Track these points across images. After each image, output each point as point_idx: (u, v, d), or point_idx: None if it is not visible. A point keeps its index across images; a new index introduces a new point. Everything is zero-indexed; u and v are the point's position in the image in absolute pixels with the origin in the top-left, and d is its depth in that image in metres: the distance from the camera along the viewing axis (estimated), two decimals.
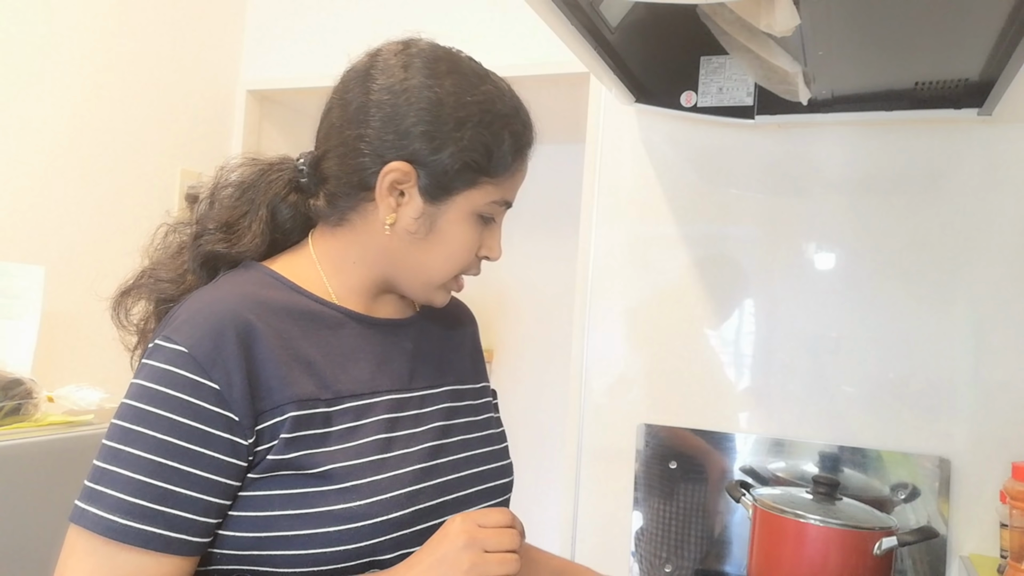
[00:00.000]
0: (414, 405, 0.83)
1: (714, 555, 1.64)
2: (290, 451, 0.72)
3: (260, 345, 0.73)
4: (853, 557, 1.29)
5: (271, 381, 0.73)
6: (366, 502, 0.73)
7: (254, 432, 0.72)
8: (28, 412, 1.50)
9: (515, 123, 0.83)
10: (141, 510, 0.67)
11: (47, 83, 1.88)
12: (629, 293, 1.77)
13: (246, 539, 0.72)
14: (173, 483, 0.68)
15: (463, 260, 0.83)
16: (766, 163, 1.67)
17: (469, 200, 0.81)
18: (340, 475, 0.73)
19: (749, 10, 1.02)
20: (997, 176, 1.52)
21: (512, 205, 0.87)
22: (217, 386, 0.70)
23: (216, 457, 0.70)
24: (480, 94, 0.81)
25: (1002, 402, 1.49)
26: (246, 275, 0.81)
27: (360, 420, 0.77)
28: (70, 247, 1.94)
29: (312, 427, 0.74)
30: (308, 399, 0.74)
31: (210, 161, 2.34)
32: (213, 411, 0.70)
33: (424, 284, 0.84)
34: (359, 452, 0.75)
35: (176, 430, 0.69)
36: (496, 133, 0.80)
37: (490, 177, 0.81)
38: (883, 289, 1.58)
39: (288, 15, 2.38)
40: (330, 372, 0.77)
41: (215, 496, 0.70)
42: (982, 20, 1.09)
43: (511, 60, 2.04)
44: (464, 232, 0.82)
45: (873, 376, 1.57)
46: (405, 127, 0.78)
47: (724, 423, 1.67)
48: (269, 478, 0.72)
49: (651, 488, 1.69)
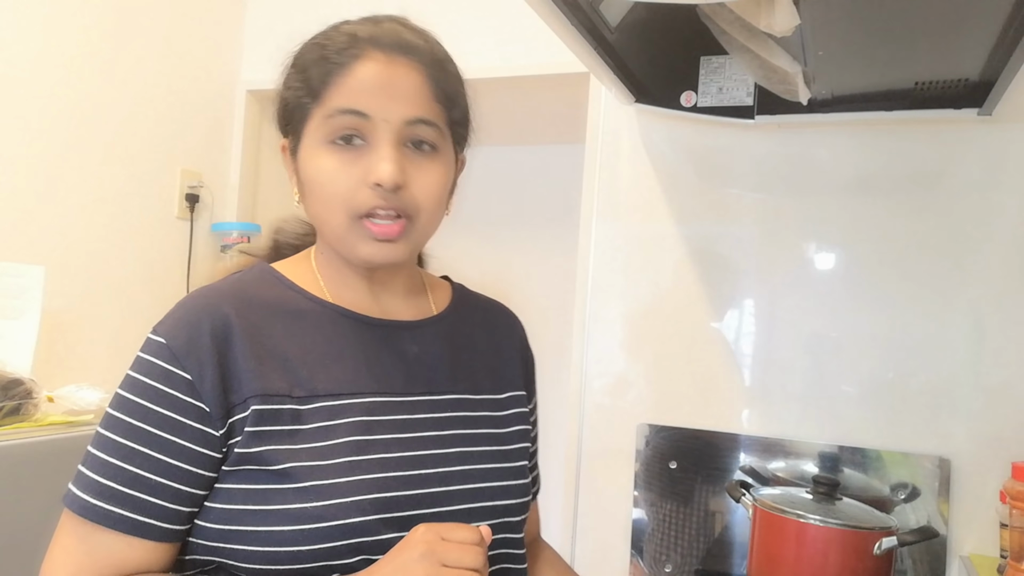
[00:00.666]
0: (403, 410, 0.79)
1: (714, 555, 1.64)
2: (253, 445, 0.72)
3: (234, 339, 0.73)
4: (853, 557, 1.29)
5: (241, 375, 0.73)
6: (323, 504, 0.71)
7: (225, 424, 0.72)
8: (28, 412, 1.51)
9: (328, 34, 0.80)
10: (111, 492, 0.70)
11: (47, 83, 1.88)
12: (629, 293, 1.77)
13: (212, 530, 0.73)
14: (143, 468, 0.70)
15: (335, 190, 0.75)
16: (766, 163, 1.67)
17: (308, 135, 0.78)
18: (300, 474, 0.71)
19: (749, 10, 1.02)
20: (997, 176, 1.52)
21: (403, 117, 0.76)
22: (189, 376, 0.71)
23: (186, 446, 0.71)
24: (316, 34, 0.82)
25: (1002, 402, 1.49)
26: (249, 274, 0.82)
27: (334, 420, 0.75)
28: (70, 247, 1.94)
29: (279, 423, 0.73)
30: (275, 394, 0.73)
31: (210, 161, 2.36)
32: (185, 400, 0.71)
33: (334, 238, 0.78)
34: (327, 453, 0.73)
35: (149, 417, 0.71)
36: (300, 57, 0.80)
37: (313, 99, 0.77)
38: (883, 289, 1.58)
39: (288, 15, 2.38)
40: (307, 370, 0.76)
41: (184, 484, 0.71)
42: (982, 20, 1.09)
43: (511, 60, 2.04)
44: (318, 164, 0.76)
45: (873, 376, 1.57)
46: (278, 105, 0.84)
47: (724, 423, 1.67)
48: (236, 472, 0.72)
49: (651, 488, 1.69)
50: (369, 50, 0.76)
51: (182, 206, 2.26)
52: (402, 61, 0.76)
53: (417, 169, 0.77)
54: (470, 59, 0.88)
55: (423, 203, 0.77)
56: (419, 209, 0.77)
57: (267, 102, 2.56)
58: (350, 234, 0.76)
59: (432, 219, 0.80)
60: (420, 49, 0.78)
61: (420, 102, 0.76)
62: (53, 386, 1.65)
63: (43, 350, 1.72)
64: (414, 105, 0.76)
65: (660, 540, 1.69)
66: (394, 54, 0.76)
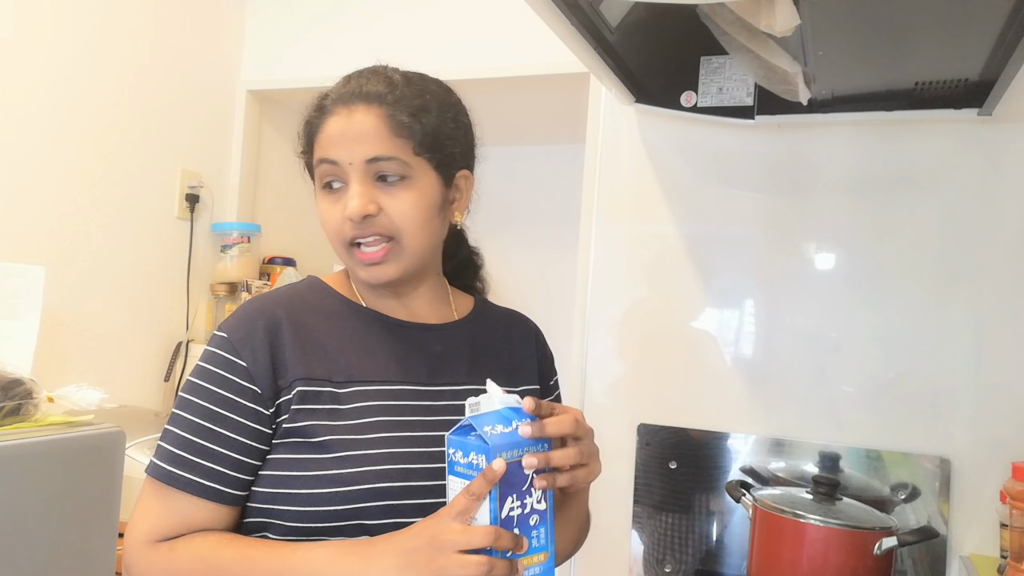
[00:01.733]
0: (427, 397, 0.92)
1: (714, 555, 1.64)
2: (298, 420, 0.85)
3: (284, 334, 0.88)
4: (853, 557, 1.29)
5: (289, 362, 0.86)
6: (357, 470, 0.83)
7: (275, 404, 0.85)
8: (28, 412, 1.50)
9: (312, 101, 0.93)
10: (182, 460, 0.83)
11: (47, 83, 1.88)
12: (629, 293, 1.77)
13: (264, 494, 0.85)
14: (209, 440, 0.84)
15: (328, 227, 0.91)
16: (766, 163, 1.67)
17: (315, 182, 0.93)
18: (338, 446, 0.84)
19: (749, 10, 1.02)
20: (997, 176, 1.52)
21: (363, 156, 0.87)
22: (245, 363, 0.85)
23: (243, 422, 0.84)
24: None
25: (1002, 402, 1.49)
26: (302, 283, 0.98)
27: (368, 402, 0.88)
28: (70, 247, 1.94)
29: (319, 402, 0.86)
30: (317, 378, 0.87)
31: (210, 161, 2.36)
32: (241, 384, 0.85)
33: (344, 263, 0.94)
34: (362, 429, 0.86)
35: (213, 398, 0.85)
36: (304, 120, 0.94)
37: (309, 155, 0.93)
38: (883, 289, 1.58)
39: (288, 15, 2.37)
40: (344, 359, 0.89)
41: (242, 455, 0.84)
42: (982, 20, 1.09)
43: (511, 60, 2.04)
44: (319, 205, 0.92)
45: (873, 376, 1.57)
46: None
47: (724, 423, 1.67)
48: (284, 444, 0.85)
49: (651, 488, 1.69)
50: (335, 106, 0.90)
51: (182, 206, 2.26)
52: (360, 108, 0.88)
53: (389, 197, 0.88)
54: (470, 59, 0.89)
55: (401, 225, 0.89)
56: (399, 231, 0.89)
57: (267, 102, 2.56)
58: (349, 261, 0.92)
59: (417, 237, 0.90)
60: (377, 94, 0.89)
61: (376, 142, 0.87)
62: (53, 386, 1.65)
63: (43, 350, 1.72)
64: (371, 146, 0.87)
65: (660, 540, 1.69)
66: (353, 104, 0.89)
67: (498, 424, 0.76)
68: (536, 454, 0.76)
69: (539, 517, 0.77)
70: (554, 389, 1.11)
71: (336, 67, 0.95)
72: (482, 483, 0.73)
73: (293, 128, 0.98)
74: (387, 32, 2.20)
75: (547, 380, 1.09)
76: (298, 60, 2.34)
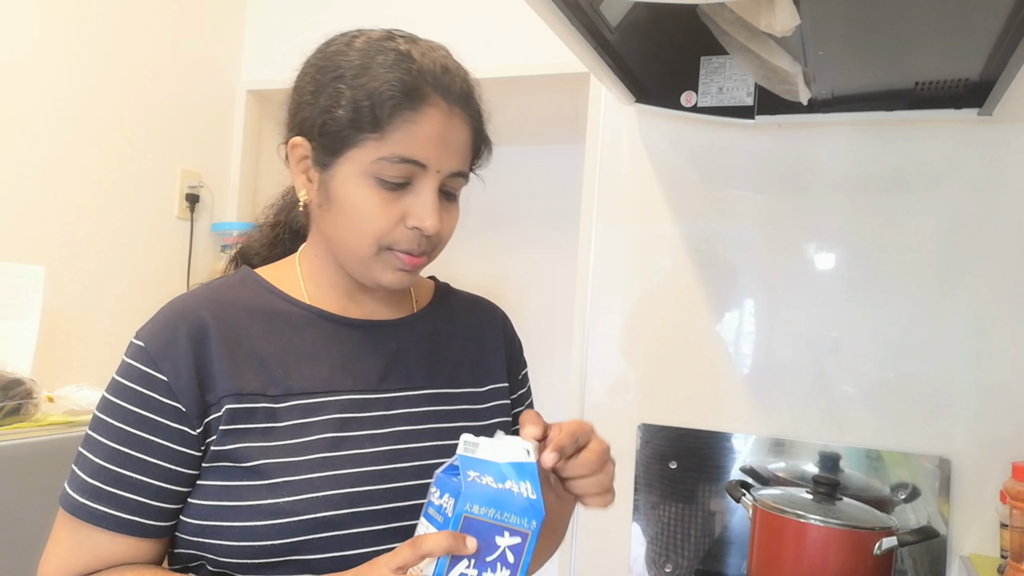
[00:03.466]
0: (380, 406, 0.81)
1: (714, 555, 1.64)
2: (227, 443, 0.74)
3: (210, 341, 0.76)
4: (853, 557, 1.29)
5: (216, 375, 0.75)
6: (293, 499, 0.73)
7: (202, 423, 0.75)
8: (28, 412, 1.51)
9: (395, 70, 0.75)
10: (98, 491, 0.73)
11: (47, 83, 1.88)
12: (629, 293, 1.77)
13: (193, 525, 0.75)
14: (126, 467, 0.73)
15: (371, 227, 0.76)
16: (766, 163, 1.67)
17: (354, 160, 0.76)
18: (271, 471, 0.74)
19: (749, 10, 1.02)
20: (997, 176, 1.52)
21: (451, 169, 0.78)
22: (165, 378, 0.74)
23: (165, 445, 0.74)
24: (362, 49, 0.78)
25: (1002, 402, 1.49)
26: (231, 279, 0.85)
27: (308, 418, 0.77)
28: (70, 247, 1.94)
29: (252, 421, 0.75)
30: (249, 393, 0.76)
31: (210, 161, 2.36)
32: (163, 401, 0.74)
33: (353, 260, 0.80)
34: (300, 450, 0.75)
35: (130, 418, 0.74)
36: (363, 85, 0.75)
37: (368, 132, 0.75)
38: (883, 289, 1.58)
39: (288, 15, 2.38)
40: (282, 369, 0.78)
41: (166, 482, 0.74)
42: (982, 20, 1.09)
43: (511, 60, 2.04)
44: (358, 196, 0.76)
45: (873, 376, 1.57)
46: (297, 100, 0.81)
47: (724, 423, 1.67)
48: (213, 468, 0.75)
49: (651, 488, 1.69)
50: (434, 96, 0.76)
51: (182, 206, 2.26)
52: (458, 114, 0.78)
53: (445, 213, 0.80)
54: (470, 59, 0.88)
55: (443, 240, 0.82)
56: (439, 246, 0.82)
57: (267, 102, 2.56)
58: (375, 261, 0.79)
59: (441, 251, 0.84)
60: (469, 98, 0.80)
61: (463, 156, 0.79)
62: (53, 386, 1.66)
63: (43, 350, 1.72)
64: (460, 159, 0.79)
65: (660, 540, 1.69)
66: (454, 105, 0.77)
67: (488, 475, 0.65)
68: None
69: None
70: (523, 383, 1.00)
71: None
72: (439, 543, 0.62)
73: None
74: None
75: (516, 374, 0.98)
76: (298, 60, 2.34)
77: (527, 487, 0.65)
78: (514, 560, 0.64)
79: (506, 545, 0.64)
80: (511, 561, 0.64)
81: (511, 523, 0.64)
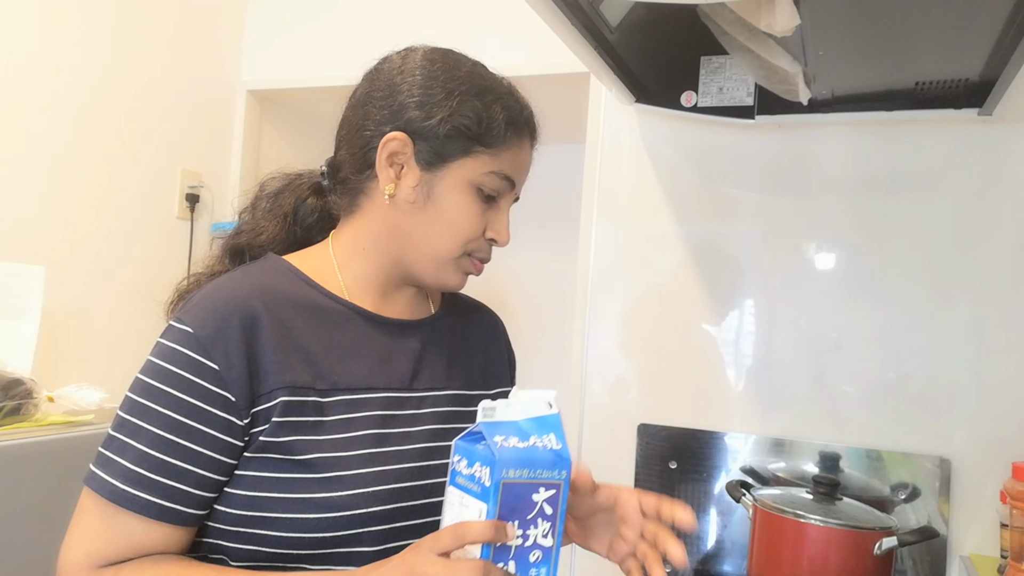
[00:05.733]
0: (412, 405, 0.85)
1: (714, 555, 1.64)
2: (280, 435, 0.75)
3: (262, 332, 0.76)
4: (853, 557, 1.29)
5: (268, 366, 0.76)
6: (347, 494, 0.75)
7: (250, 414, 0.75)
8: (28, 412, 1.50)
9: (508, 99, 0.86)
10: (140, 478, 0.72)
11: (47, 83, 1.88)
12: (629, 293, 1.77)
13: (235, 516, 0.75)
14: (171, 455, 0.73)
15: (466, 232, 0.84)
16: (766, 163, 1.67)
17: (464, 168, 0.83)
18: (325, 464, 0.75)
19: (749, 10, 1.02)
20: (997, 176, 1.52)
21: (518, 193, 0.89)
22: (216, 366, 0.73)
23: (211, 433, 0.74)
24: (471, 70, 0.86)
25: (1002, 402, 1.49)
26: (263, 265, 0.86)
27: (353, 413, 0.79)
28: (70, 247, 1.94)
29: (304, 414, 0.76)
30: (301, 387, 0.77)
31: (210, 161, 2.36)
32: (211, 390, 0.73)
33: (432, 260, 0.85)
34: (350, 444, 0.78)
35: (176, 405, 0.73)
36: (487, 103, 0.83)
37: (484, 146, 0.83)
38: (883, 289, 1.58)
39: (288, 15, 2.37)
40: (327, 364, 0.80)
41: (210, 471, 0.74)
42: (982, 20, 1.09)
43: (511, 60, 2.03)
44: (462, 201, 0.83)
45: (873, 376, 1.57)
46: (400, 100, 0.83)
47: (724, 423, 1.67)
48: (260, 459, 0.75)
49: (651, 488, 1.69)
50: (528, 129, 0.87)
51: (182, 206, 2.26)
52: (529, 145, 0.88)
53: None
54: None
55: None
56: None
57: (267, 102, 2.56)
58: (453, 263, 0.85)
59: None
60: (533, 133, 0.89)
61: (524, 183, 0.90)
62: (53, 386, 1.65)
63: (43, 350, 1.72)
64: (523, 185, 0.90)
65: None
66: (534, 143, 0.89)
67: (512, 436, 0.66)
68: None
69: (541, 554, 0.66)
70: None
71: (336, 67, 0.94)
72: (483, 532, 0.63)
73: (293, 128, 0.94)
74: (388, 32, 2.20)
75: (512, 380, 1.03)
76: (298, 60, 2.34)
77: (551, 439, 0.68)
78: (551, 511, 0.67)
79: (542, 500, 0.66)
80: (549, 513, 0.66)
81: (543, 478, 0.66)
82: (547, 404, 0.69)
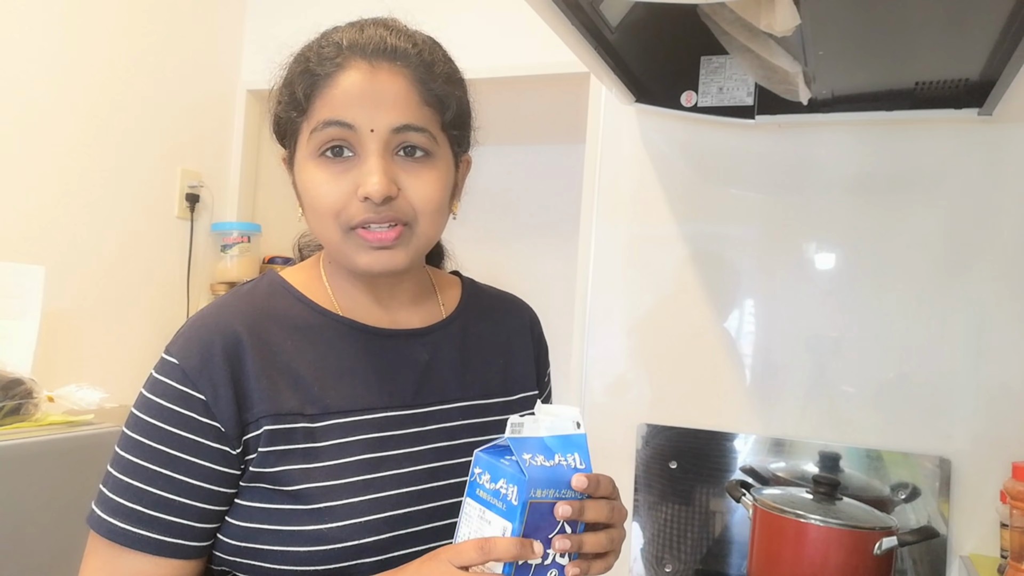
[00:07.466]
0: (415, 422, 0.80)
1: (714, 555, 1.64)
2: (268, 465, 0.72)
3: (246, 358, 0.73)
4: (853, 557, 1.29)
5: (253, 393, 0.73)
6: (337, 525, 0.72)
7: (241, 442, 0.72)
8: (28, 412, 1.50)
9: (312, 45, 0.78)
10: (138, 515, 0.70)
11: (47, 83, 1.88)
12: (629, 293, 1.77)
13: (232, 546, 0.74)
14: (166, 490, 0.71)
15: (325, 204, 0.74)
16: (766, 163, 1.67)
17: (301, 147, 0.77)
18: (315, 495, 0.72)
19: (749, 10, 1.02)
20: (997, 176, 1.52)
21: (355, 125, 0.73)
22: (203, 396, 0.71)
23: (206, 466, 0.71)
24: (299, 48, 0.81)
25: (1002, 402, 1.49)
26: (259, 284, 0.82)
27: (348, 438, 0.75)
28: (70, 247, 1.94)
29: (292, 442, 0.73)
30: (287, 413, 0.73)
31: (210, 161, 2.36)
32: (201, 421, 0.71)
33: (335, 252, 0.77)
34: (341, 472, 0.74)
35: (168, 439, 0.71)
36: (291, 69, 0.79)
37: (300, 113, 0.76)
38: (883, 289, 1.58)
39: (288, 16, 2.38)
40: (319, 386, 0.76)
41: (208, 503, 0.72)
42: (982, 20, 1.09)
43: (511, 60, 2.04)
44: (307, 177, 0.75)
45: (873, 376, 1.57)
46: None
47: (724, 423, 1.67)
48: (254, 489, 0.73)
49: (651, 488, 1.69)
50: (351, 59, 0.74)
51: (182, 206, 2.26)
52: (385, 67, 0.74)
53: (411, 176, 0.75)
54: (470, 59, 0.88)
55: (421, 209, 0.75)
56: (416, 216, 0.75)
57: (267, 102, 2.56)
58: (346, 246, 0.75)
59: (432, 225, 0.77)
60: (405, 53, 0.75)
61: (407, 108, 0.74)
62: (53, 386, 1.65)
63: (43, 350, 1.72)
64: (400, 112, 0.74)
65: (660, 540, 1.69)
66: (377, 60, 0.74)
67: (539, 454, 0.65)
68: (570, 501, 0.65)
69: (558, 573, 0.66)
70: (547, 385, 0.99)
71: None
72: (509, 550, 0.62)
73: None
74: None
75: (542, 376, 0.96)
76: None
77: (575, 459, 0.67)
78: (571, 530, 0.67)
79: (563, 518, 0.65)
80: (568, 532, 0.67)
81: (568, 497, 0.65)
82: (575, 424, 0.68)
